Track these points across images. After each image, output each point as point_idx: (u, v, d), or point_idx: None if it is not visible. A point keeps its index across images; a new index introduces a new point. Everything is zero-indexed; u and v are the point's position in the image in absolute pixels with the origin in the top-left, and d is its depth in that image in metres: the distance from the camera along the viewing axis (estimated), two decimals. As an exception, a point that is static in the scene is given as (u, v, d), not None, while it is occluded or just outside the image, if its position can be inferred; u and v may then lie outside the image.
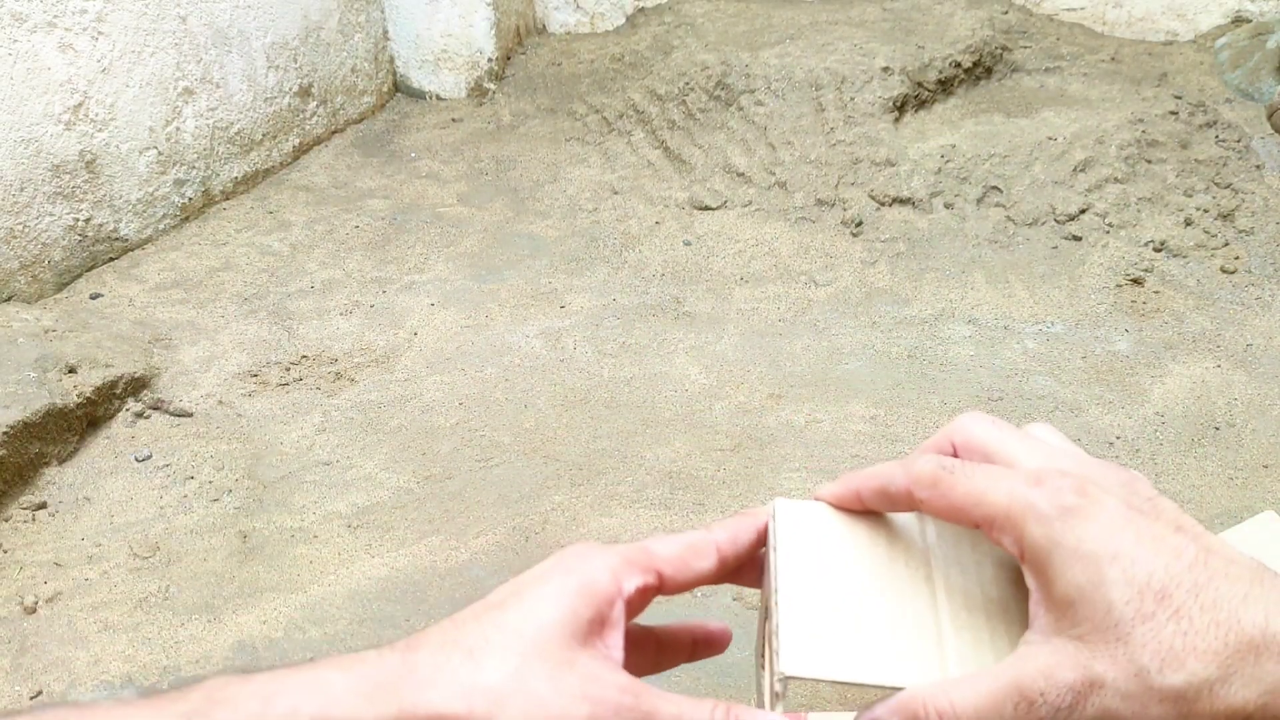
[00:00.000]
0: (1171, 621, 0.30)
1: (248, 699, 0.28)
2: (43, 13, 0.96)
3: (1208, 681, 0.29)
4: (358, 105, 1.44)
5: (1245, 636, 0.29)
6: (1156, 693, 0.30)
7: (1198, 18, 1.42)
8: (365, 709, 0.29)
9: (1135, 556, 0.31)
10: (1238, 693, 0.29)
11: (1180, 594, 0.30)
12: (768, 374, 0.86)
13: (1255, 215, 1.03)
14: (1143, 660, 0.30)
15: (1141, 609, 0.30)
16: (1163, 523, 0.32)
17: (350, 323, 0.96)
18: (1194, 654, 0.29)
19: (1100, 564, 0.31)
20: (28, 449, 0.75)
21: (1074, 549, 0.31)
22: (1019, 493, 0.32)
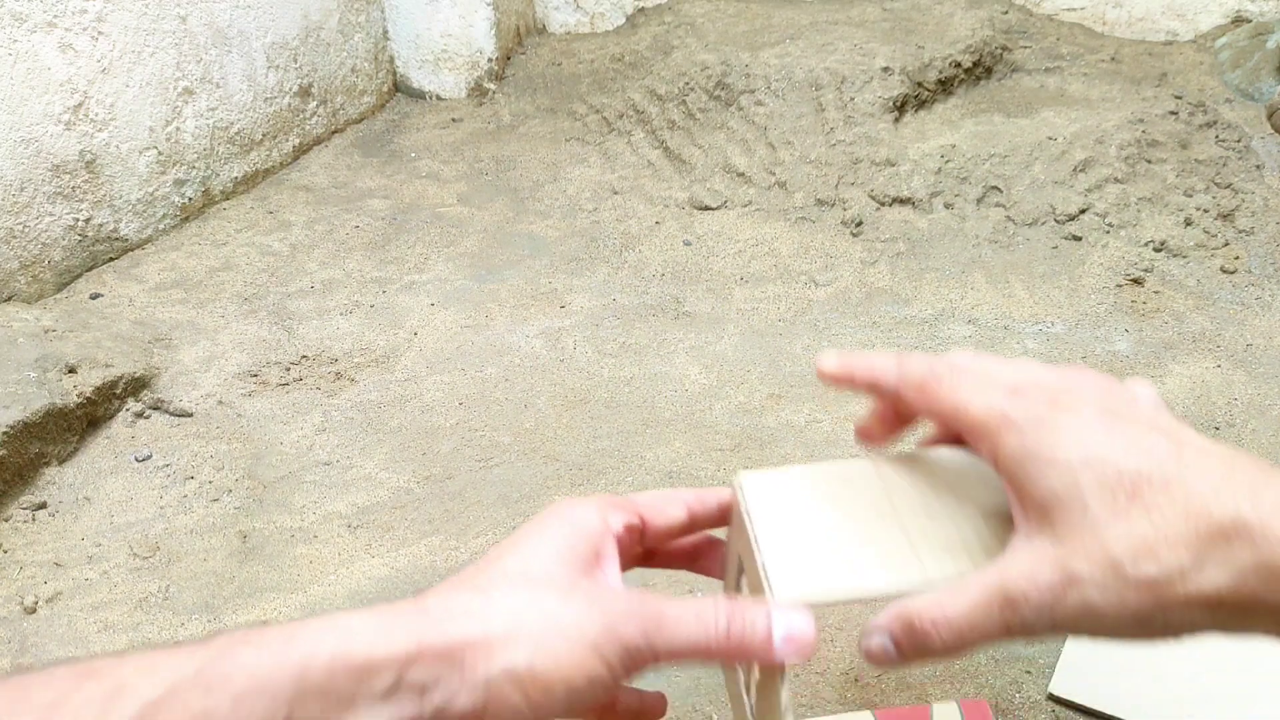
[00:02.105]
0: (1144, 516, 0.31)
1: (271, 640, 0.29)
2: (43, 13, 0.96)
3: (1180, 569, 0.31)
4: (358, 105, 1.44)
5: (1215, 524, 0.31)
6: (1131, 583, 0.31)
7: (1198, 18, 1.42)
8: (383, 643, 0.29)
9: (1107, 458, 0.32)
10: (1209, 577, 0.30)
11: (1152, 490, 0.31)
12: (768, 374, 0.86)
13: (1255, 215, 1.03)
14: (1117, 553, 0.31)
15: (1115, 507, 0.32)
16: (1137, 423, 0.33)
17: (350, 323, 0.96)
18: (1166, 544, 0.31)
19: (1074, 469, 0.32)
20: (28, 449, 0.75)
21: (1048, 457, 0.33)
22: (996, 403, 0.34)
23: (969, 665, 0.56)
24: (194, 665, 0.27)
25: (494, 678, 0.30)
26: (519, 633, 0.31)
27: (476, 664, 0.30)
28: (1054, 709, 0.53)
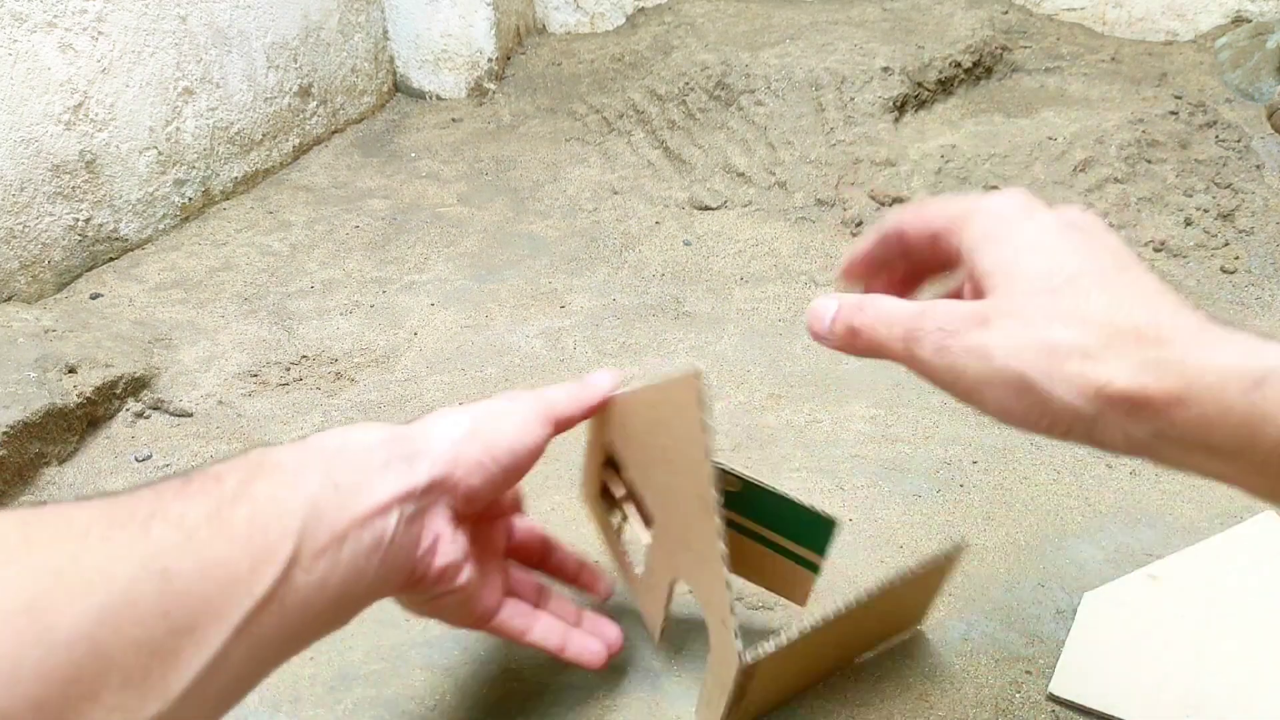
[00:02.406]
0: (1071, 297, 0.33)
1: (288, 448, 0.38)
2: (43, 13, 0.96)
3: (1083, 345, 0.31)
4: (358, 105, 1.44)
5: (1133, 323, 0.32)
6: (1035, 342, 0.32)
7: (1198, 18, 1.42)
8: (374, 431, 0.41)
9: (1056, 251, 0.34)
10: (1108, 364, 0.31)
11: (1086, 281, 0.33)
12: (768, 374, 0.86)
13: (1255, 215, 1.03)
14: (1032, 314, 0.33)
15: (1049, 284, 0.33)
16: (1094, 239, 0.35)
17: (350, 323, 0.96)
18: (1078, 321, 0.32)
19: (1024, 250, 0.35)
20: (28, 449, 0.75)
21: (1006, 238, 0.35)
22: (975, 200, 0.37)
23: (969, 666, 0.56)
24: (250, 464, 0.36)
25: (456, 438, 0.42)
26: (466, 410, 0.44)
27: (439, 432, 0.42)
28: (1054, 709, 0.53)
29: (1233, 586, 0.59)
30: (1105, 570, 0.62)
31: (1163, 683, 0.53)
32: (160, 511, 0.31)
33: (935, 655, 0.56)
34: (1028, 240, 0.35)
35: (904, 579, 0.47)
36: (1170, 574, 0.60)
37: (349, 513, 0.36)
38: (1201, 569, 0.60)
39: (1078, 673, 0.54)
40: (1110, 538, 0.65)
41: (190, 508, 0.32)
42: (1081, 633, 0.57)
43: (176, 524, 0.31)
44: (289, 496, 0.35)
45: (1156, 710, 0.52)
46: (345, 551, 0.36)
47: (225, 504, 0.33)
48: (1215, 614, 0.57)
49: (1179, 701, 0.52)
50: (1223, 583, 0.59)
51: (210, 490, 0.33)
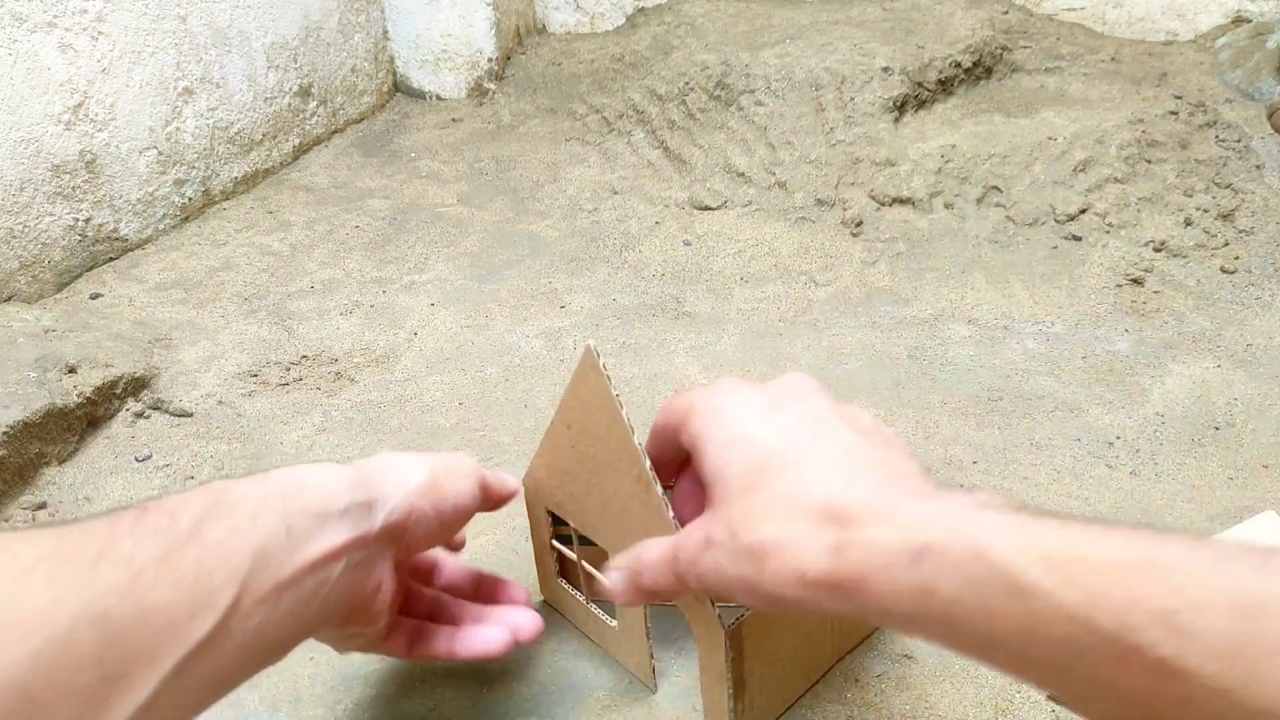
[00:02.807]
0: (762, 493, 0.35)
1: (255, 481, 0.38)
2: (43, 13, 0.96)
3: (775, 541, 0.34)
4: (358, 105, 1.44)
5: (811, 506, 0.34)
6: (742, 550, 0.35)
7: (1198, 18, 1.42)
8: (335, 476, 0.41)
9: (753, 438, 0.37)
10: (797, 555, 0.33)
11: (773, 469, 0.36)
12: (768, 374, 0.86)
13: (1255, 215, 1.03)
14: (735, 523, 0.36)
15: (743, 485, 0.36)
16: (793, 412, 0.38)
17: (350, 323, 0.96)
18: (768, 519, 0.35)
19: (727, 448, 0.38)
20: (28, 449, 0.75)
21: (715, 438, 0.38)
22: (693, 398, 0.40)
23: (969, 665, 0.56)
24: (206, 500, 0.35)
25: (412, 489, 0.43)
26: (424, 462, 0.46)
27: (396, 479, 0.43)
28: (1054, 709, 0.53)
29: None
30: (1105, 570, 0.62)
31: (1162, 683, 0.53)
32: (110, 550, 0.32)
33: (935, 655, 0.56)
34: (728, 435, 0.38)
35: None
36: (1170, 574, 0.60)
37: (296, 561, 0.37)
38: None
39: (1077, 673, 0.54)
40: (1110, 538, 0.65)
41: (141, 548, 0.32)
42: (1081, 633, 0.57)
43: (125, 565, 0.31)
44: (240, 542, 0.35)
45: (1156, 710, 0.52)
46: (286, 599, 0.36)
47: (176, 545, 0.33)
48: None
49: (1179, 701, 0.52)
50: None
51: (163, 528, 0.33)
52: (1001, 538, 0.30)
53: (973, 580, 0.30)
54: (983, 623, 0.30)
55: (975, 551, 0.30)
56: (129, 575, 0.31)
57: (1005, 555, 0.29)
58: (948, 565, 0.30)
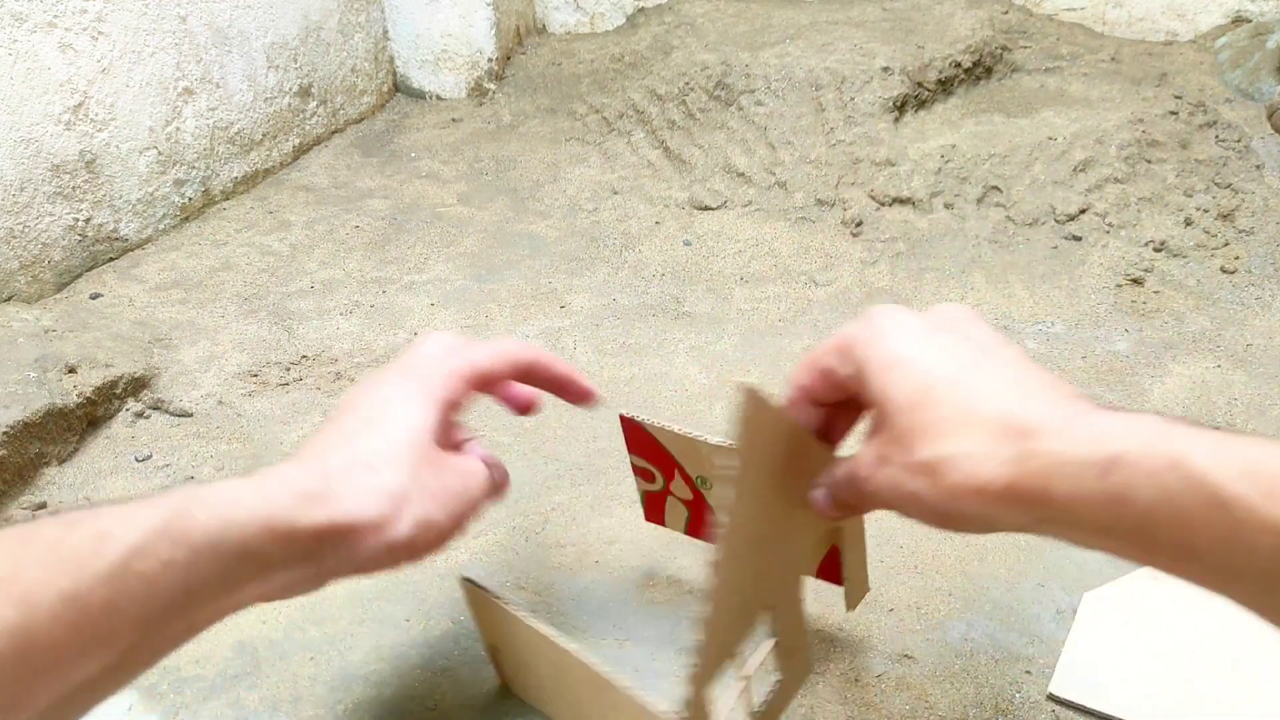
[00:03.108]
0: (931, 410, 0.36)
1: (216, 501, 0.35)
2: (43, 13, 0.96)
3: (951, 456, 0.35)
4: (358, 105, 1.44)
5: (986, 420, 0.34)
6: (914, 465, 0.36)
7: (1198, 18, 1.42)
8: (303, 517, 0.36)
9: (918, 359, 0.37)
10: (976, 467, 0.34)
11: (942, 388, 0.36)
12: (768, 374, 0.86)
13: (1255, 215, 1.03)
14: (906, 440, 0.36)
15: (912, 400, 0.36)
16: (954, 336, 0.39)
17: (350, 323, 0.96)
18: (941, 435, 0.35)
19: (891, 369, 0.38)
20: (28, 449, 0.75)
21: (879, 361, 0.38)
22: (855, 329, 0.41)
23: (969, 666, 0.56)
24: (161, 517, 0.33)
25: (378, 549, 0.38)
26: (404, 511, 0.39)
27: (368, 539, 0.38)
28: (1054, 709, 0.53)
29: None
30: (1105, 570, 0.62)
31: (1163, 683, 0.53)
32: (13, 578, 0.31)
33: (935, 655, 0.56)
34: (890, 358, 0.38)
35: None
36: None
37: (221, 605, 0.36)
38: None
39: (1078, 673, 0.54)
40: (1110, 538, 0.65)
41: (49, 578, 0.31)
42: (1081, 633, 0.57)
43: (20, 599, 0.31)
44: (168, 584, 0.34)
45: (1156, 710, 0.52)
46: (202, 625, 0.36)
47: (90, 583, 0.32)
48: (1215, 614, 0.57)
49: (1179, 701, 0.52)
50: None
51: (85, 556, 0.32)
52: (1200, 450, 0.29)
53: (1169, 491, 0.30)
54: (1181, 533, 0.30)
55: (1171, 462, 0.30)
56: (21, 613, 0.30)
57: (1204, 467, 0.29)
58: (1141, 475, 0.30)
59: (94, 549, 0.31)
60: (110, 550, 0.32)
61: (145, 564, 0.32)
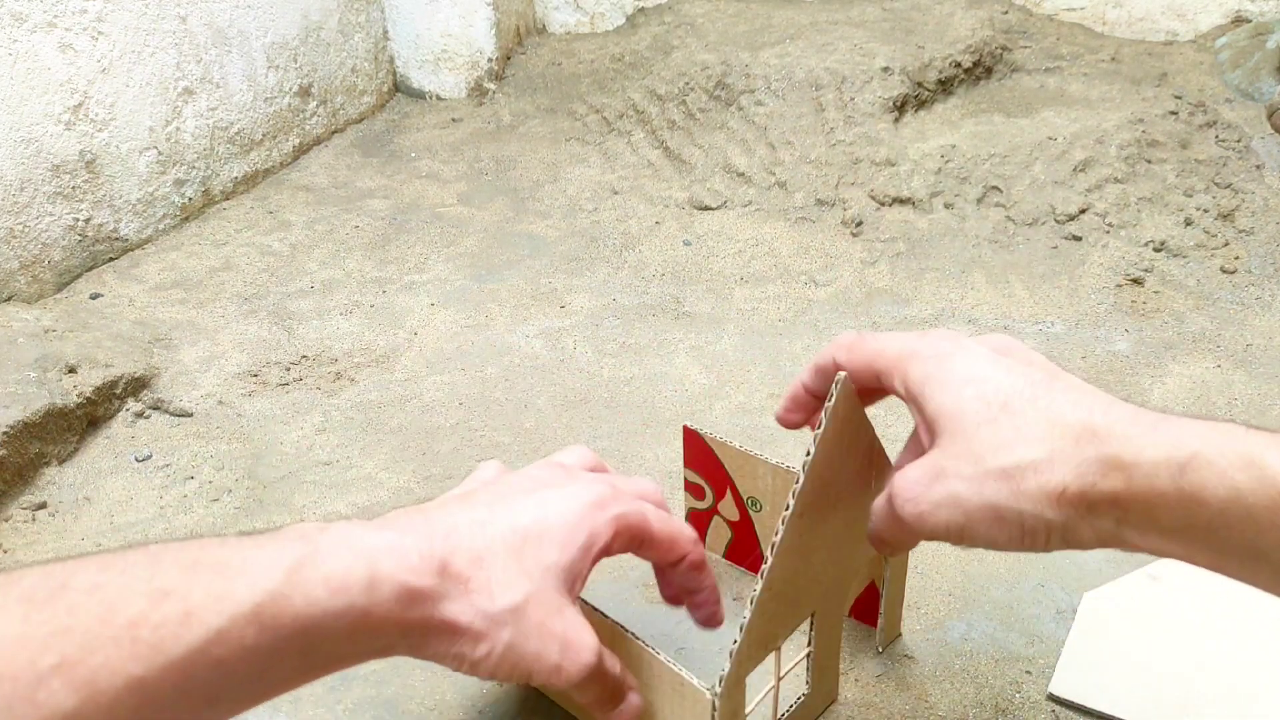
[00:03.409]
0: (1009, 421, 0.36)
1: (327, 584, 0.34)
2: (43, 13, 0.96)
3: (1032, 462, 0.35)
4: (358, 105, 1.44)
5: (1067, 427, 0.35)
6: (991, 472, 0.35)
7: (1198, 18, 1.42)
8: (402, 613, 0.35)
9: (988, 378, 0.38)
10: (1058, 471, 0.34)
11: (1019, 402, 0.36)
12: (768, 374, 0.86)
13: (1255, 215, 1.03)
14: (980, 450, 0.36)
15: (987, 415, 0.36)
16: (1020, 360, 0.39)
17: (350, 323, 0.96)
18: (1023, 441, 0.35)
19: (960, 386, 0.38)
20: (28, 449, 0.75)
21: (942, 379, 0.38)
22: (908, 343, 0.41)
23: (969, 666, 0.56)
24: (255, 599, 0.32)
25: (449, 655, 0.38)
26: (496, 636, 0.38)
27: (446, 643, 0.37)
28: (1054, 709, 0.53)
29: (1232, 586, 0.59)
30: (1105, 570, 0.62)
31: (1163, 683, 0.53)
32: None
33: (935, 655, 0.56)
34: (961, 376, 0.38)
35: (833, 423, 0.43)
36: (1170, 574, 0.60)
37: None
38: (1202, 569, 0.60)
39: (1078, 673, 0.54)
40: (1110, 538, 0.65)
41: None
42: (1081, 633, 0.57)
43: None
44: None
45: (1156, 710, 0.52)
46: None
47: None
48: (1215, 614, 0.57)
49: (1179, 701, 0.52)
50: (1223, 583, 0.59)
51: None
52: (1275, 451, 0.30)
53: (1240, 490, 0.30)
54: (1250, 533, 0.30)
55: (1246, 461, 0.30)
56: (82, 700, 0.28)
57: (1277, 466, 0.30)
58: (1216, 473, 0.31)
59: (175, 632, 0.30)
60: (192, 634, 0.30)
61: (224, 649, 0.31)
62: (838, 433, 0.42)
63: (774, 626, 0.45)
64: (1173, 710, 0.52)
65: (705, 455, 0.60)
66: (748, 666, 0.44)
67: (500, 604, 0.37)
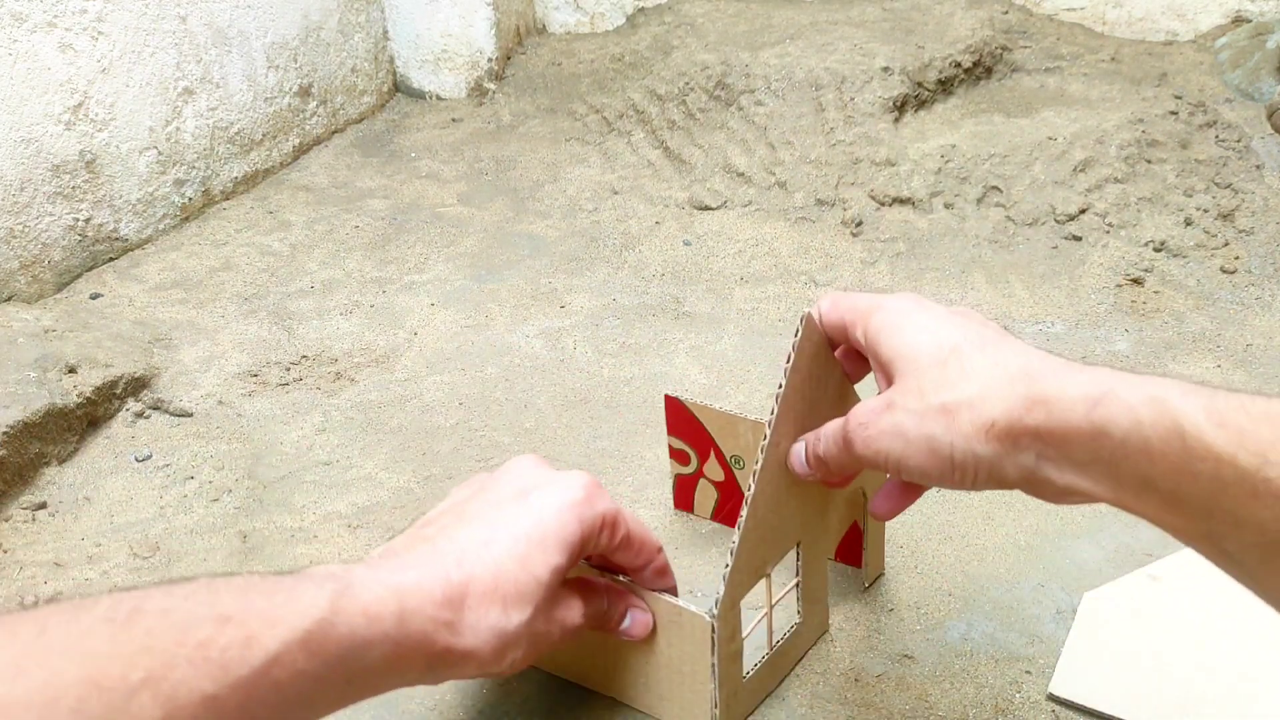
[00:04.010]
0: (956, 364, 0.39)
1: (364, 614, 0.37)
2: (43, 13, 0.96)
3: (969, 398, 0.38)
4: (358, 105, 1.44)
5: (1006, 370, 0.38)
6: (933, 408, 0.39)
7: (1198, 18, 1.42)
8: (431, 642, 0.39)
9: (942, 329, 0.41)
10: (990, 407, 0.37)
11: (969, 348, 0.40)
12: (768, 374, 0.86)
13: (1255, 215, 1.03)
14: (926, 386, 0.39)
15: (937, 357, 0.40)
16: (975, 320, 0.43)
17: (350, 323, 0.96)
18: (965, 380, 0.39)
19: (916, 333, 0.41)
20: (28, 449, 0.75)
21: (900, 326, 0.42)
22: (875, 299, 0.44)
23: (969, 666, 0.56)
24: (304, 626, 0.35)
25: (475, 672, 0.42)
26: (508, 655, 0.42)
27: (471, 667, 0.42)
28: (1054, 709, 0.53)
29: (1233, 586, 0.59)
30: (1105, 570, 0.62)
31: (1163, 683, 0.53)
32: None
33: (935, 655, 0.56)
34: (918, 326, 0.42)
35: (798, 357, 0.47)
36: (1170, 574, 0.60)
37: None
38: (1201, 569, 0.60)
39: (1078, 673, 0.54)
40: (1110, 538, 0.65)
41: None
42: (1081, 633, 0.57)
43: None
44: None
45: (1156, 710, 0.52)
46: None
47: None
48: (1215, 614, 0.57)
49: (1179, 701, 0.52)
50: (1223, 583, 0.59)
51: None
52: (1178, 391, 0.34)
53: (1141, 422, 0.33)
54: (1143, 463, 0.34)
55: (1150, 398, 0.34)
56: (166, 713, 0.31)
57: (1177, 403, 0.33)
58: (1123, 408, 0.34)
59: (240, 655, 0.33)
60: (254, 656, 0.33)
61: (281, 672, 0.34)
62: (805, 366, 0.47)
63: (762, 552, 0.49)
64: (1173, 710, 0.52)
65: (687, 420, 0.63)
66: (740, 591, 0.48)
67: (517, 620, 0.41)
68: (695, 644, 0.47)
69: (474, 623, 0.40)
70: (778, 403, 0.46)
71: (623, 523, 0.46)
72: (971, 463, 0.38)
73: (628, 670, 0.51)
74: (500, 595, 0.41)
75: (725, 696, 0.48)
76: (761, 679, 0.52)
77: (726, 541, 0.65)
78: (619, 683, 0.52)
